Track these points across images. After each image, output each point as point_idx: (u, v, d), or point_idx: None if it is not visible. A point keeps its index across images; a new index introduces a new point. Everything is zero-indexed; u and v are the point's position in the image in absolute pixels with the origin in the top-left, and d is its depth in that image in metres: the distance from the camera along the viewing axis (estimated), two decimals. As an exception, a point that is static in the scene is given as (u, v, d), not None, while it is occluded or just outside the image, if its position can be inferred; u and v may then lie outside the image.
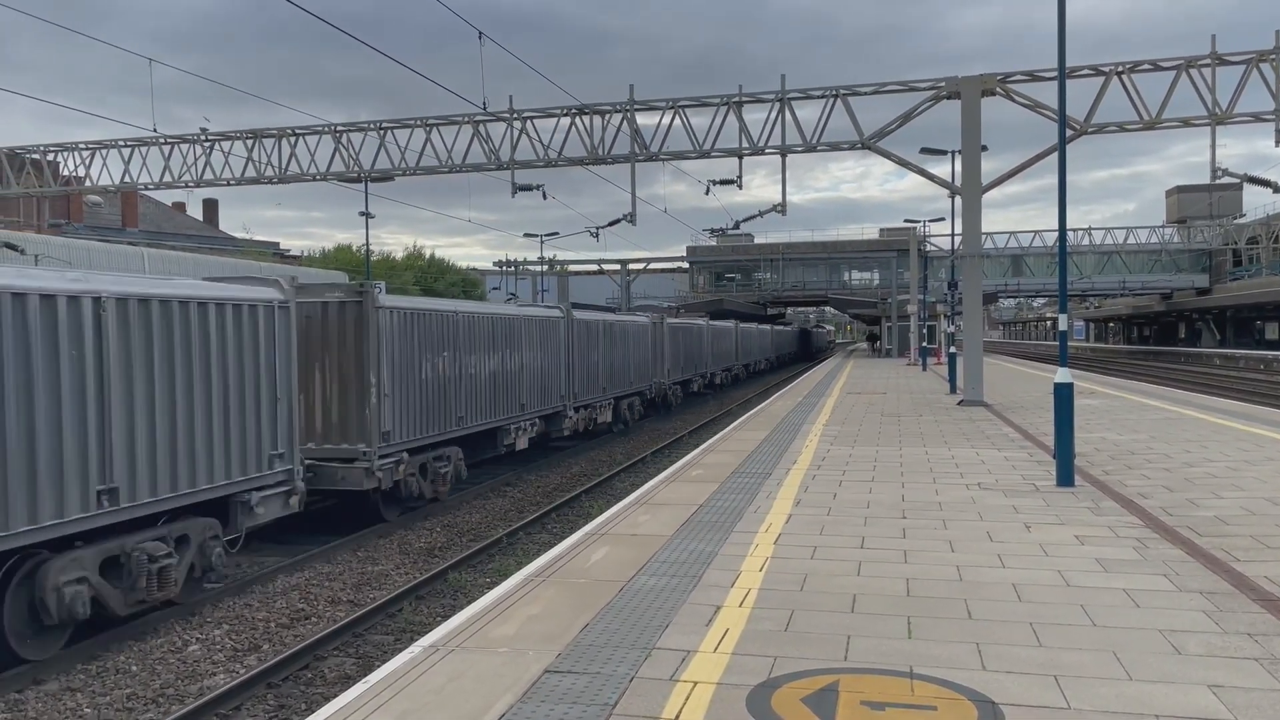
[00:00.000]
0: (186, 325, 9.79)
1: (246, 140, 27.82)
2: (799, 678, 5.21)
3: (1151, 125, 22.30)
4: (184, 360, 9.76)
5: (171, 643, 9.20)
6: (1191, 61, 22.03)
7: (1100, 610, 6.32)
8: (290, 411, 11.49)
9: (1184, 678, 5.13)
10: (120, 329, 9.00)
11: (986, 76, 22.46)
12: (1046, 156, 22.27)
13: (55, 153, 30.31)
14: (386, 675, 5.42)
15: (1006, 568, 7.44)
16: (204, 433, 10.00)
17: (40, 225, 45.22)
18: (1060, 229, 11.99)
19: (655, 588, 7.02)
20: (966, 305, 23.50)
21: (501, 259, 71.05)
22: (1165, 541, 8.23)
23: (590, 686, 5.13)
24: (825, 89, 23.88)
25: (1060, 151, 11.93)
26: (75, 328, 8.53)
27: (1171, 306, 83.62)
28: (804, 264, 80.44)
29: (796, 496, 10.63)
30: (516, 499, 17.12)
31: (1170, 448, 14.20)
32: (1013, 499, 10.32)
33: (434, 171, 26.83)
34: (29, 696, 7.89)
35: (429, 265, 65.92)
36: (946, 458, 13.58)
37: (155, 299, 9.43)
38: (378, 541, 13.49)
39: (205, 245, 54.88)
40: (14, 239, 30.20)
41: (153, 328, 9.35)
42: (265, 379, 11.04)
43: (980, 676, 5.18)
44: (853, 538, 8.56)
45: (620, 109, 25.25)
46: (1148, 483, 11.20)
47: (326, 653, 8.92)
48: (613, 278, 76.32)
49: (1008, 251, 78.18)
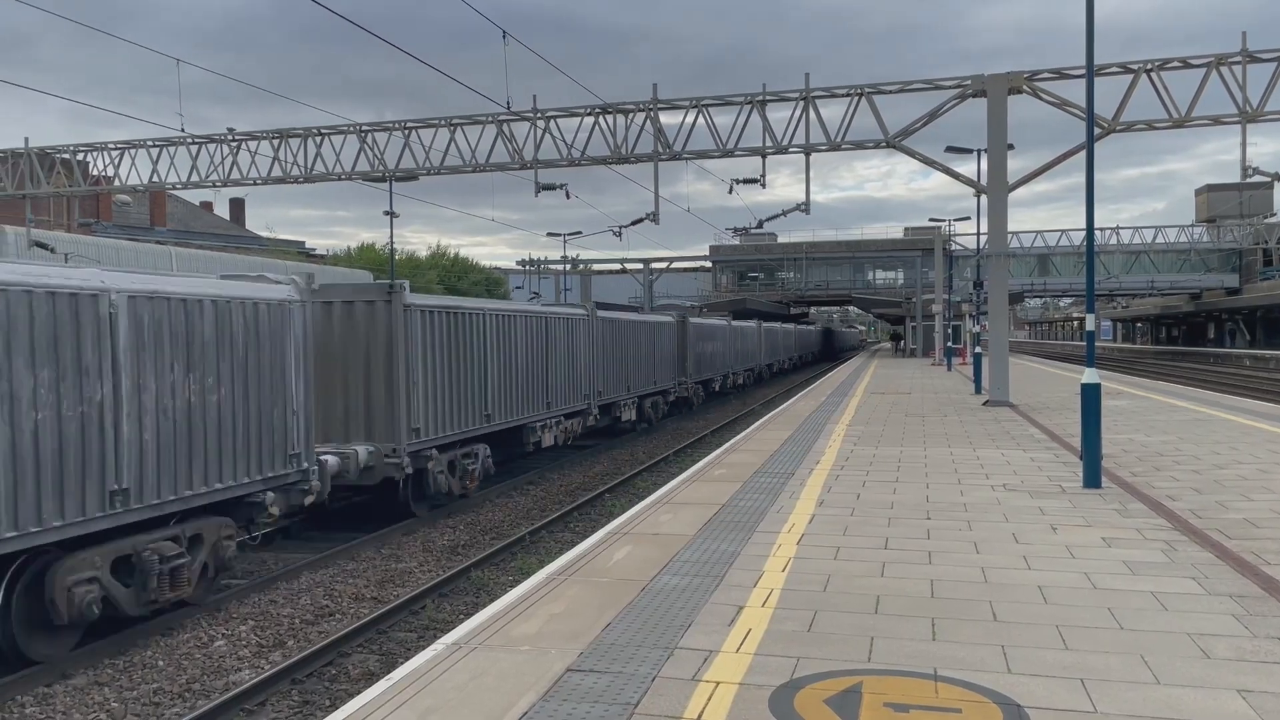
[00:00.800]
0: (200, 323, 9.67)
1: (273, 140, 28.02)
2: (822, 679, 5.19)
3: (1181, 123, 22.04)
4: (197, 358, 9.63)
5: (198, 638, 9.28)
6: (1222, 59, 21.75)
7: (1127, 613, 6.26)
8: (307, 410, 11.40)
9: (1213, 682, 5.06)
10: (132, 326, 8.82)
11: (1013, 74, 22.28)
12: (1074, 155, 22.07)
13: (85, 153, 30.65)
14: (410, 672, 5.44)
15: (1032, 569, 7.38)
16: (215, 431, 9.87)
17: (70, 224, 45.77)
18: (1088, 228, 11.87)
19: (677, 587, 7.01)
20: (992, 305, 23.34)
21: (524, 258, 71.25)
22: (1194, 544, 8.13)
23: (612, 685, 5.13)
24: (849, 87, 23.76)
25: (1088, 150, 11.82)
26: (84, 325, 8.33)
27: (1200, 306, 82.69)
28: (828, 263, 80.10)
29: (820, 497, 10.59)
30: (539, 497, 17.16)
31: (1199, 449, 14.03)
32: (1039, 500, 10.23)
33: (458, 171, 26.92)
34: (57, 690, 7.98)
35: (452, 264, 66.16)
36: (971, 458, 13.49)
37: (166, 296, 9.29)
38: (401, 539, 13.56)
39: (232, 244, 55.34)
40: (45, 238, 30.56)
41: (162, 325, 9.19)
42: (280, 377, 10.94)
43: (1005, 679, 5.14)
44: (876, 538, 8.52)
45: (643, 108, 25.23)
46: (1176, 484, 11.07)
47: (350, 649, 8.97)
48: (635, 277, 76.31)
49: (1034, 251, 77.48)
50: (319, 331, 13.09)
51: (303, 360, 11.40)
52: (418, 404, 13.97)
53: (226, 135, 28.38)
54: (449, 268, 63.84)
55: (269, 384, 10.75)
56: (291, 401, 11.14)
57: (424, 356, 14.25)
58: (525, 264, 71.43)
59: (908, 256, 76.68)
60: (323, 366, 13.05)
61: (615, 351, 23.97)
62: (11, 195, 31.56)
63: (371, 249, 62.04)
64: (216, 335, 9.92)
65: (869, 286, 79.31)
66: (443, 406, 14.80)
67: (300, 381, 11.32)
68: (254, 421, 10.48)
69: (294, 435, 11.18)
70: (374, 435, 13.51)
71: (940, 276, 54.62)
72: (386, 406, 13.56)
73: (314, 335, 12.03)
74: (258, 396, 10.55)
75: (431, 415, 14.41)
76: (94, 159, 30.92)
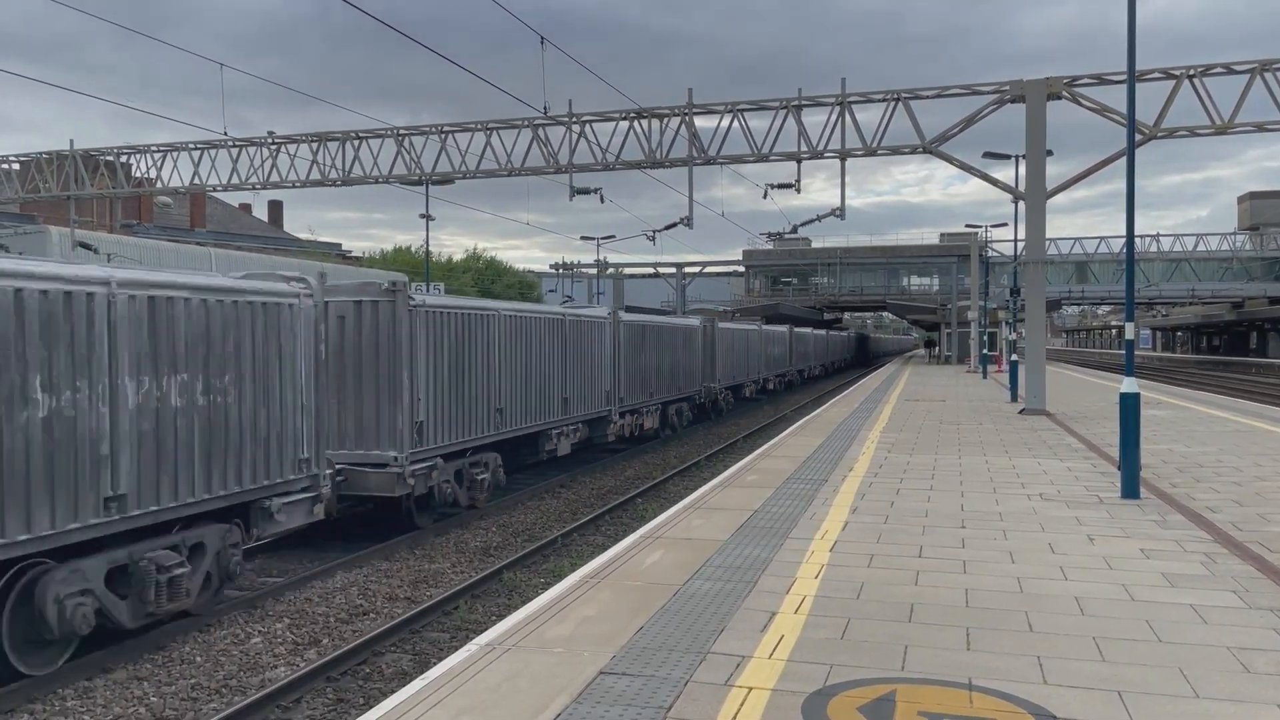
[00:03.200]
0: (204, 321, 9.26)
1: (311, 143, 28.34)
2: (855, 686, 5.17)
3: (1224, 130, 21.72)
4: (200, 358, 9.22)
5: (235, 634, 9.40)
6: (1266, 64, 21.42)
7: (1166, 626, 6.18)
8: (315, 414, 10.91)
9: (1253, 696, 4.99)
10: (131, 322, 8.41)
11: (1052, 80, 22.07)
12: (1114, 161, 21.82)
13: (128, 155, 31.17)
14: (444, 673, 5.49)
15: (1069, 580, 7.31)
16: (220, 436, 9.45)
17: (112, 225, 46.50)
18: (1128, 235, 11.74)
19: (710, 592, 7.02)
20: (1029, 312, 23.11)
21: (558, 261, 71.51)
22: (1234, 557, 8.01)
23: (645, 689, 5.14)
24: (886, 92, 23.64)
25: (1129, 157, 11.69)
26: (78, 321, 7.93)
27: (1242, 315, 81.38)
28: (862, 268, 79.62)
29: (853, 504, 10.55)
30: (570, 500, 17.21)
31: (1240, 461, 13.82)
32: (1076, 510, 10.13)
33: (493, 174, 27.08)
34: (97, 684, 8.11)
35: (486, 267, 66.56)
36: (1007, 467, 13.37)
37: (166, 292, 8.83)
38: (434, 540, 13.65)
39: (270, 245, 56.00)
40: (88, 239, 31.11)
41: (161, 322, 8.75)
42: (289, 379, 10.47)
43: (1041, 690, 5.10)
44: (910, 546, 8.47)
45: (678, 112, 25.25)
46: (1217, 496, 10.91)
47: (384, 648, 9.05)
48: (668, 281, 76.32)
49: (1072, 258, 76.56)
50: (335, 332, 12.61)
51: (315, 361, 10.94)
52: (421, 411, 13.34)
53: (266, 138, 28.76)
54: (483, 270, 64.22)
55: (276, 386, 10.29)
56: (300, 404, 10.68)
57: (430, 360, 13.63)
58: (558, 267, 71.67)
59: (943, 263, 76.07)
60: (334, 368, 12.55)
61: (638, 356, 23.56)
62: (57, 196, 32.16)
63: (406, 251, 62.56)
64: (222, 334, 9.48)
65: (904, 292, 78.73)
66: (448, 413, 14.16)
67: (310, 383, 10.86)
68: (260, 424, 10.03)
69: (303, 439, 10.73)
70: (376, 443, 12.86)
71: (976, 283, 54.10)
72: (389, 413, 12.89)
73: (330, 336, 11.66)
74: (265, 398, 10.10)
75: (436, 423, 13.78)
76: (136, 161, 31.45)
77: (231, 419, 9.64)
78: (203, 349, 9.29)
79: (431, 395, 13.75)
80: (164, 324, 8.84)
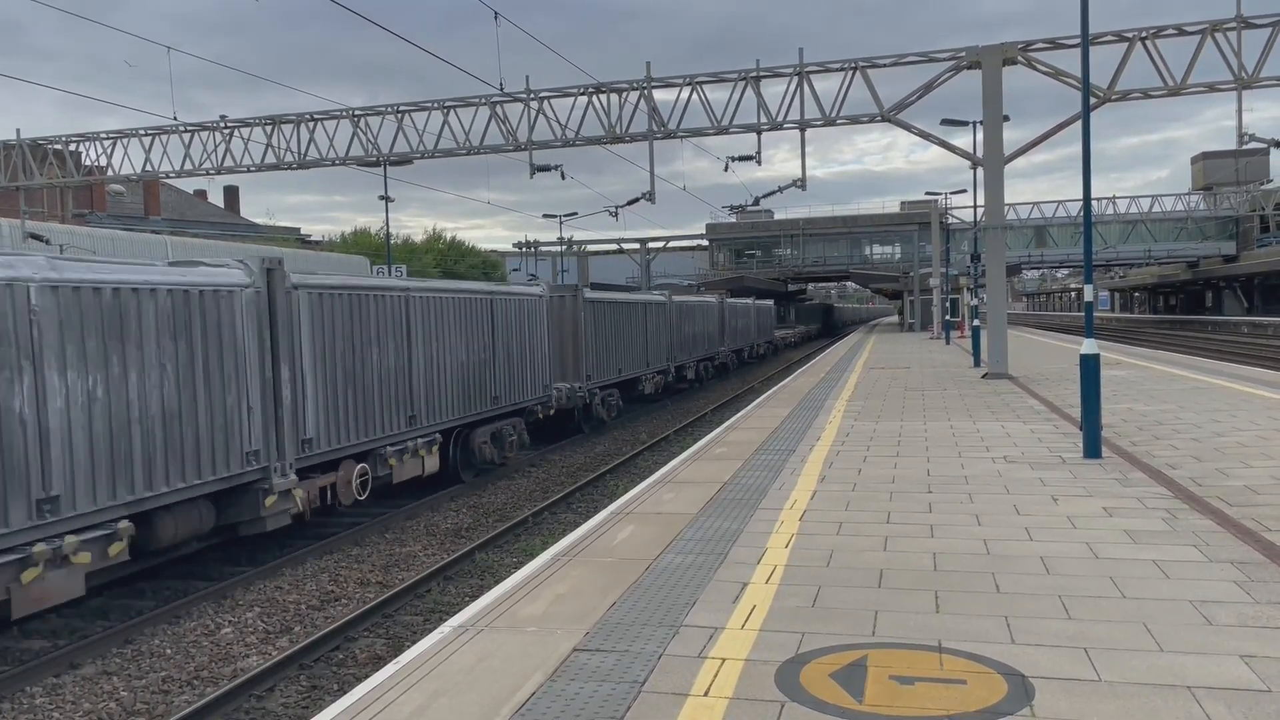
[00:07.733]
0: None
1: (265, 126, 27.90)
2: (827, 653, 5.22)
3: (1176, 91, 21.96)
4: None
5: (204, 625, 9.32)
6: (1217, 25, 21.65)
7: (1130, 582, 6.29)
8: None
9: (1216, 648, 5.09)
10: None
11: (1007, 45, 22.16)
12: (1070, 125, 21.99)
13: (77, 143, 30.52)
14: (417, 656, 5.47)
15: (1034, 541, 7.41)
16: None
17: (64, 216, 45.58)
18: (1085, 199, 11.84)
19: (682, 565, 7.04)
20: (989, 277, 23.31)
21: (521, 240, 71.09)
22: (1195, 512, 8.16)
23: (619, 664, 5.16)
24: (844, 61, 23.64)
25: (1084, 120, 11.78)
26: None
27: (1198, 275, 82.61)
28: (825, 239, 79.82)
29: (821, 473, 10.62)
30: (541, 479, 17.19)
31: (1198, 417, 14.06)
32: (1039, 472, 10.26)
33: (452, 154, 26.81)
34: (66, 681, 8.02)
35: (449, 248, 66.00)
36: (972, 431, 13.51)
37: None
38: (405, 523, 13.59)
39: (227, 232, 55.19)
40: (39, 230, 30.46)
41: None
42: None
43: (1009, 650, 5.17)
44: (878, 513, 8.54)
45: (637, 86, 25.11)
46: (1176, 453, 11.10)
47: (357, 634, 9.02)
48: (632, 257, 76.22)
49: (1031, 222, 77.35)
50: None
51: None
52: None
53: (219, 123, 28.27)
54: (445, 251, 63.70)
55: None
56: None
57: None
58: (521, 246, 71.32)
59: (905, 231, 76.51)
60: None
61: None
62: (5, 187, 31.46)
63: (366, 234, 61.87)
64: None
65: (866, 262, 79.10)
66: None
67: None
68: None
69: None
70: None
71: (937, 250, 54.49)
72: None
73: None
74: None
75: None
76: (86, 149, 30.81)
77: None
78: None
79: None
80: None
